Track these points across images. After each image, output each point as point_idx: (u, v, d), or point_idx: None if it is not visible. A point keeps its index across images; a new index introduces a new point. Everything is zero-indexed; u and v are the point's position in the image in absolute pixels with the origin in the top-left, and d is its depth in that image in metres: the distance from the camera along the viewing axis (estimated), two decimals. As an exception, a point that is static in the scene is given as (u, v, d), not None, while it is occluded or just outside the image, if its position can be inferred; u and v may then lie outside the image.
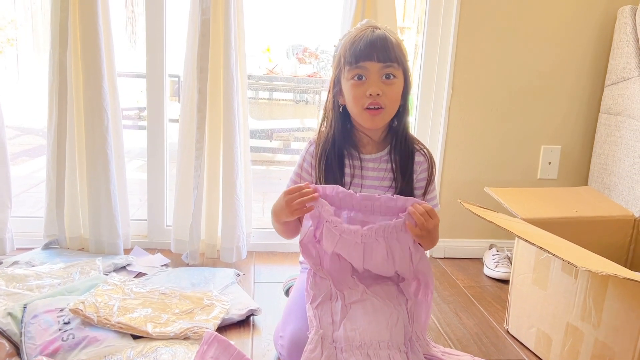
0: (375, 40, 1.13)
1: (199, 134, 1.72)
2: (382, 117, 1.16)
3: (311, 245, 1.15)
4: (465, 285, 1.77)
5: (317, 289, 1.16)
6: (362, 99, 1.14)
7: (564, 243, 1.19)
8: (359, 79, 1.14)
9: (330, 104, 1.22)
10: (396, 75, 1.15)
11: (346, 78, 1.16)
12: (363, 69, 1.13)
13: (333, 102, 1.21)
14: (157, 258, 1.82)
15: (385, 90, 1.14)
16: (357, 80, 1.14)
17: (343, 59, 1.16)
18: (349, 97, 1.17)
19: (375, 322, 1.13)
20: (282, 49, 3.94)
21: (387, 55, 1.13)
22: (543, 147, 2.00)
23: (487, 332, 1.46)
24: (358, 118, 1.18)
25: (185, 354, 1.18)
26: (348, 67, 1.15)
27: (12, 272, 1.53)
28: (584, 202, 1.56)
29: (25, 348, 1.15)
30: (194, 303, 1.41)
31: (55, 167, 1.74)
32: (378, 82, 1.13)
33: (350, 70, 1.14)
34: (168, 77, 1.88)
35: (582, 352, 1.18)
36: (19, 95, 3.61)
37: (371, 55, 1.12)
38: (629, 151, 1.76)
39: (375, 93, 1.13)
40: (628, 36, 1.79)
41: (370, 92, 1.13)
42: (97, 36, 1.67)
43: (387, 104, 1.15)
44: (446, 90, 1.91)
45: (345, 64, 1.15)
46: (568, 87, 1.96)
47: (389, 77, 1.14)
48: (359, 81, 1.14)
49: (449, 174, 1.97)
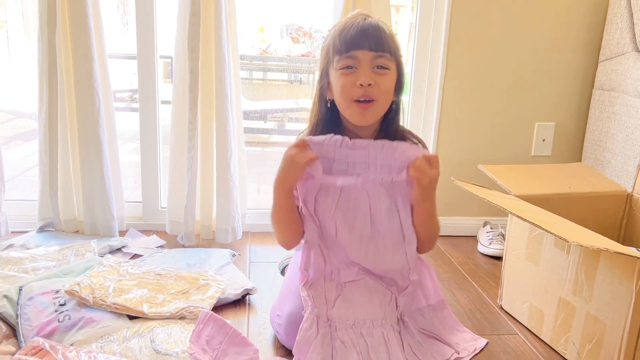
0: (368, 28, 1.06)
1: (191, 115, 1.71)
2: (372, 111, 1.09)
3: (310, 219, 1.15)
4: (459, 263, 1.79)
5: (311, 269, 1.17)
6: (351, 89, 1.06)
7: (557, 219, 1.20)
8: (348, 68, 1.07)
9: (317, 98, 1.15)
10: (389, 66, 1.07)
11: (335, 68, 1.08)
12: (354, 58, 1.06)
13: (320, 97, 1.14)
14: (153, 240, 1.83)
15: (377, 80, 1.06)
16: (347, 69, 1.07)
17: (332, 48, 1.09)
18: (337, 89, 1.09)
19: (369, 301, 1.14)
20: (276, 28, 3.90)
21: (379, 43, 1.06)
22: (537, 124, 1.99)
23: (481, 308, 1.47)
24: (346, 113, 1.11)
25: (181, 334, 1.19)
26: (338, 57, 1.07)
27: (7, 255, 1.53)
28: (577, 178, 1.56)
29: (22, 330, 1.16)
30: (190, 283, 1.42)
31: (48, 150, 1.73)
32: (369, 72, 1.06)
33: (339, 60, 1.07)
34: (160, 59, 1.86)
35: (574, 325, 1.20)
36: (10, 79, 3.57)
37: (362, 43, 1.05)
38: (623, 127, 1.76)
39: (367, 83, 1.05)
40: (622, 11, 1.78)
41: (361, 82, 1.05)
42: (86, 17, 1.65)
43: (378, 97, 1.07)
44: (440, 68, 1.90)
45: (334, 54, 1.08)
46: (562, 64, 1.95)
47: (381, 67, 1.07)
48: (348, 70, 1.07)
49: (443, 152, 1.97)
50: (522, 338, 1.32)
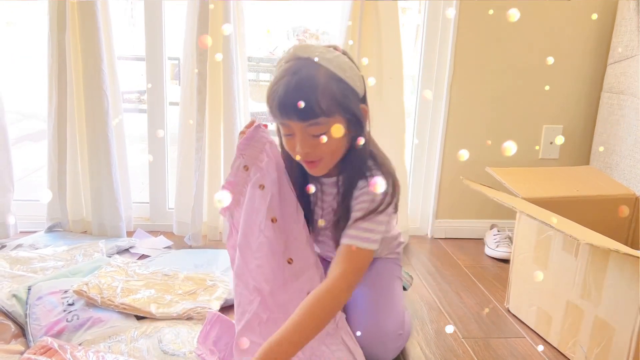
0: (292, 95, 0.92)
1: (199, 117, 1.72)
2: (321, 168, 1.03)
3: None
4: (466, 265, 1.78)
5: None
6: (294, 151, 1.00)
7: (565, 222, 1.19)
8: (287, 135, 1.00)
9: (276, 128, 1.08)
10: (326, 130, 0.95)
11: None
12: (287, 126, 0.98)
13: (277, 128, 1.06)
14: (160, 240, 1.83)
15: (316, 145, 0.97)
16: (286, 135, 1.00)
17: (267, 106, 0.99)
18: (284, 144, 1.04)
19: None
20: (283, 30, 3.90)
21: (308, 112, 0.93)
22: (545, 126, 1.99)
23: (488, 311, 1.47)
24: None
25: (188, 334, 1.20)
26: (273, 118, 1.00)
27: (16, 254, 1.54)
28: (585, 181, 1.56)
29: (31, 329, 1.17)
30: (197, 284, 1.42)
31: (57, 151, 1.74)
32: (306, 139, 0.97)
33: (276, 121, 1.00)
34: (168, 60, 1.87)
35: (582, 329, 1.19)
36: (20, 80, 3.60)
37: (290, 114, 0.95)
38: (631, 130, 1.75)
39: (304, 153, 0.98)
40: (631, 14, 1.77)
41: (298, 153, 0.98)
42: (96, 18, 1.66)
43: (323, 156, 1.00)
44: (447, 70, 1.89)
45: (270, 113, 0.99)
46: (571, 66, 1.94)
47: (317, 135, 0.96)
48: (288, 136, 1.00)
49: (450, 154, 1.97)
50: (529, 341, 1.32)
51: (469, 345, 1.29)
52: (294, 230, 1.11)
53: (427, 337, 1.32)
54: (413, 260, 1.81)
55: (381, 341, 1.09)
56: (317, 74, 0.95)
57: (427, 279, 1.66)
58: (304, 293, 1.04)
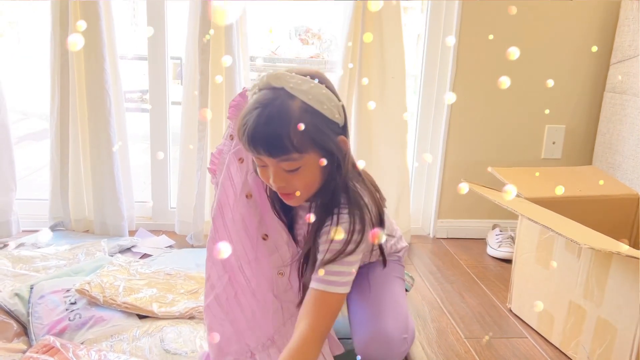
0: (263, 129, 0.87)
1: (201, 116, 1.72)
2: (296, 199, 0.97)
3: None
4: (468, 265, 1.78)
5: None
6: (269, 182, 0.95)
7: (568, 222, 1.19)
8: (261, 165, 0.94)
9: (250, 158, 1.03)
10: (299, 165, 0.90)
11: None
12: (260, 159, 0.92)
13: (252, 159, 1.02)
14: (162, 239, 1.83)
15: (290, 179, 0.92)
16: (260, 165, 0.95)
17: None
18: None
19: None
20: (285, 30, 3.90)
21: (278, 149, 0.87)
22: (547, 126, 1.98)
23: (490, 311, 1.47)
24: None
25: (190, 333, 1.20)
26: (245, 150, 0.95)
27: (18, 253, 1.54)
28: (587, 181, 1.55)
29: (33, 328, 1.17)
30: (199, 283, 1.42)
31: (59, 150, 1.74)
32: (279, 174, 0.91)
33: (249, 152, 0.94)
34: (170, 59, 1.87)
35: (585, 330, 1.19)
36: (22, 79, 3.60)
37: (260, 151, 0.89)
38: (634, 130, 1.74)
39: (277, 186, 0.93)
40: (634, 13, 1.76)
41: (272, 186, 0.95)
42: (98, 18, 1.66)
43: (298, 188, 0.94)
44: (450, 71, 1.89)
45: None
46: (573, 66, 1.94)
47: (291, 171, 0.91)
48: (262, 167, 0.94)
49: (453, 154, 1.97)
50: (531, 342, 1.32)
51: (471, 345, 1.29)
52: (269, 207, 1.08)
53: (429, 337, 1.32)
54: (415, 260, 1.81)
55: (386, 346, 1.08)
56: (290, 106, 0.88)
57: (429, 278, 1.66)
58: (274, 271, 1.05)
